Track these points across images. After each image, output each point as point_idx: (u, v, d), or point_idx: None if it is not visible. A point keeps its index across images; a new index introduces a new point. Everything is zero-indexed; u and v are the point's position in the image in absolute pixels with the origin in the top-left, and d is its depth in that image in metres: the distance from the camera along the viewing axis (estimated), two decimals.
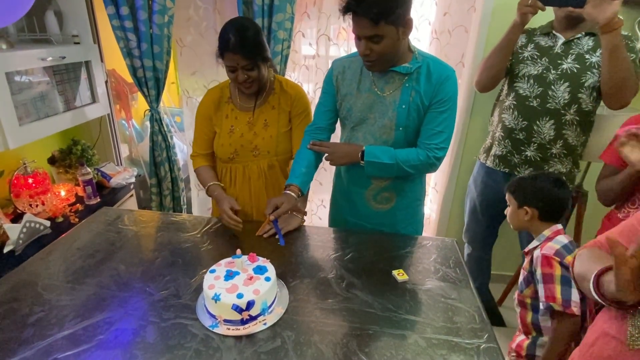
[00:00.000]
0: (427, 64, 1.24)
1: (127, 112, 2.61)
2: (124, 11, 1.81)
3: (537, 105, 1.55)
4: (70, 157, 1.97)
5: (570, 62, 1.50)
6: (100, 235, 1.36)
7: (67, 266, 1.18)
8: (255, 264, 1.05)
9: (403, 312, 1.01)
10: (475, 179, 1.87)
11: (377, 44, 1.14)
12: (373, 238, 1.37)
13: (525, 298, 1.24)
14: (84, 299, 1.04)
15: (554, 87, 1.52)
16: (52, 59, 1.61)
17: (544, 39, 1.57)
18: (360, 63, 1.30)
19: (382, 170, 1.30)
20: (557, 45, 1.53)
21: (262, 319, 0.97)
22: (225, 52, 1.28)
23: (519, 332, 1.32)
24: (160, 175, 2.24)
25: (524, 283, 1.24)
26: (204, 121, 1.49)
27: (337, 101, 1.38)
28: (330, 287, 1.10)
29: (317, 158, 1.41)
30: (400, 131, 1.29)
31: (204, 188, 1.49)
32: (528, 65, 1.57)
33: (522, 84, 1.58)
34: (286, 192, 1.33)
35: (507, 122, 1.64)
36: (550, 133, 1.56)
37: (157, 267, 1.18)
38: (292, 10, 1.81)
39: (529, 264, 1.22)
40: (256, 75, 1.33)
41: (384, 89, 1.28)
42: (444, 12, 1.90)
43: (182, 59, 2.08)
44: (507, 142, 1.66)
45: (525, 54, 1.59)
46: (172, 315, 0.99)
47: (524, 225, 1.28)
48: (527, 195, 1.25)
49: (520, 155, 1.64)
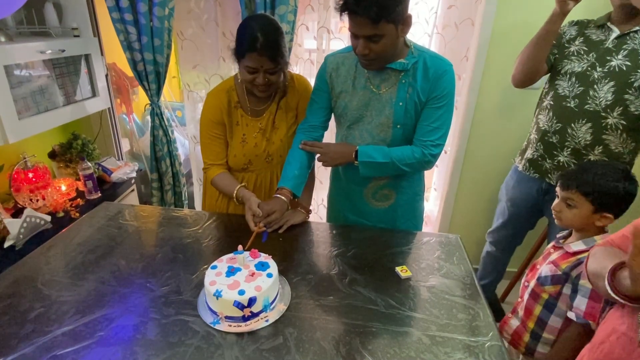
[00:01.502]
0: (423, 59, 1.20)
1: (127, 106, 2.59)
2: (124, 3, 1.79)
3: (574, 106, 1.40)
4: (70, 151, 1.96)
5: (620, 59, 1.33)
6: (101, 231, 1.34)
7: (67, 261, 1.17)
8: (257, 260, 1.04)
9: (406, 309, 1.00)
10: (508, 183, 1.75)
11: (376, 43, 1.10)
12: (375, 234, 1.36)
13: (543, 293, 1.17)
14: (84, 295, 1.03)
15: (597, 87, 1.36)
16: (52, 52, 1.59)
17: (596, 32, 1.41)
18: (354, 59, 1.26)
19: (377, 169, 1.28)
20: (609, 40, 1.37)
21: (264, 315, 0.96)
22: (249, 52, 1.18)
23: (512, 314, 1.29)
24: (162, 170, 2.23)
25: (551, 279, 1.14)
26: (215, 127, 1.38)
27: (331, 98, 1.34)
28: (333, 283, 1.09)
29: (309, 158, 1.38)
30: (398, 129, 1.26)
31: (231, 197, 1.37)
32: (573, 62, 1.42)
33: (562, 82, 1.44)
34: (277, 196, 1.29)
35: (541, 123, 1.51)
36: (586, 137, 1.40)
37: (158, 262, 1.17)
38: (295, 3, 1.78)
39: (569, 266, 1.11)
40: (276, 79, 1.26)
41: (380, 87, 1.24)
42: (449, 5, 1.86)
43: (183, 52, 2.05)
44: (539, 145, 1.53)
45: (572, 49, 1.43)
46: (173, 311, 0.98)
47: (589, 228, 1.12)
48: (609, 199, 1.07)
49: (553, 161, 1.50)
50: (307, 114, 1.40)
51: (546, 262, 1.20)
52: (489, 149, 2.08)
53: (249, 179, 1.46)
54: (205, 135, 1.41)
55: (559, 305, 1.14)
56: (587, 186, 1.10)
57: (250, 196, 1.32)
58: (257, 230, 1.20)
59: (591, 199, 1.09)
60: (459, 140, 2.10)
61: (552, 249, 1.23)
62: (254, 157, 1.42)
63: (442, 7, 1.88)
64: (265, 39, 1.16)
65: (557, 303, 1.14)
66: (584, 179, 1.11)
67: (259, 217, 1.24)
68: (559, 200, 1.19)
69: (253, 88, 1.29)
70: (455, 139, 2.12)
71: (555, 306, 1.15)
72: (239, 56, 1.23)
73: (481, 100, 2.00)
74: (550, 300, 1.16)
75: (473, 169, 2.15)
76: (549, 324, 1.17)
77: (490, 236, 1.92)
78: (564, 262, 1.13)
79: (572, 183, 1.13)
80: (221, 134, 1.40)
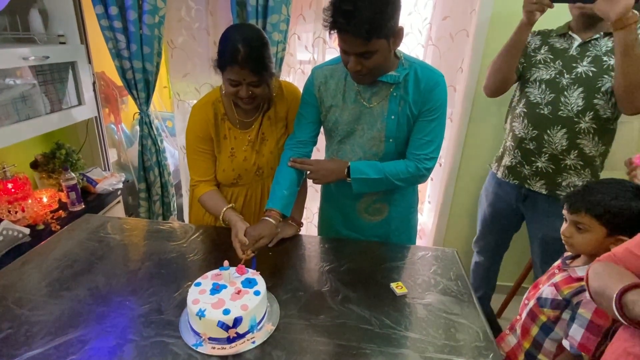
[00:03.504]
0: (414, 70, 1.17)
1: (116, 116, 2.53)
2: (113, 11, 1.75)
3: (548, 113, 1.44)
4: (53, 161, 1.89)
5: (585, 65, 1.38)
6: (81, 245, 1.28)
7: (41, 278, 1.10)
8: (244, 276, 0.98)
9: (402, 329, 0.95)
10: (487, 189, 1.78)
11: (368, 59, 1.06)
12: (369, 248, 1.31)
13: (542, 315, 1.10)
14: (57, 314, 0.96)
15: (567, 93, 1.40)
16: (35, 59, 1.54)
17: (560, 41, 1.46)
18: (343, 72, 1.23)
19: (370, 186, 1.24)
20: (572, 47, 1.42)
21: (251, 336, 0.90)
22: (230, 65, 1.13)
23: (510, 331, 1.23)
24: (150, 180, 2.17)
25: (551, 303, 1.07)
26: (202, 142, 1.32)
27: (320, 112, 1.30)
28: (325, 301, 1.04)
29: (299, 176, 1.32)
30: (391, 142, 1.23)
31: (218, 217, 1.30)
32: (540, 70, 1.47)
33: (533, 90, 1.48)
34: (266, 219, 1.21)
35: (517, 130, 1.54)
36: (562, 143, 1.44)
37: (139, 279, 1.11)
38: (288, 12, 1.76)
39: (570, 292, 1.03)
40: (261, 92, 1.21)
41: (371, 100, 1.21)
42: (443, 16, 1.85)
43: (174, 61, 2.01)
44: (517, 153, 1.55)
45: (539, 57, 1.48)
46: (152, 332, 0.91)
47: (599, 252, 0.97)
48: (622, 220, 0.98)
49: (531, 167, 1.53)
50: (295, 130, 1.34)
51: (548, 284, 1.12)
52: (484, 160, 2.05)
53: (239, 193, 1.41)
54: (191, 151, 1.34)
55: (556, 330, 1.07)
56: (598, 208, 1.00)
57: (237, 221, 1.22)
58: (245, 257, 1.12)
59: (604, 222, 1.00)
60: (454, 151, 2.07)
61: (557, 269, 1.15)
62: (244, 171, 1.36)
63: (436, 18, 1.87)
64: (248, 51, 1.11)
65: (555, 328, 1.07)
66: (593, 200, 1.01)
67: (247, 245, 1.15)
68: (567, 225, 1.08)
69: (237, 100, 1.24)
70: (450, 150, 2.09)
71: (552, 330, 1.08)
72: (220, 68, 1.18)
73: (476, 111, 1.98)
74: (547, 323, 1.09)
75: (468, 181, 2.12)
76: (544, 347, 1.10)
77: (477, 245, 1.92)
78: (566, 288, 1.05)
79: (581, 206, 1.03)
80: (208, 149, 1.34)
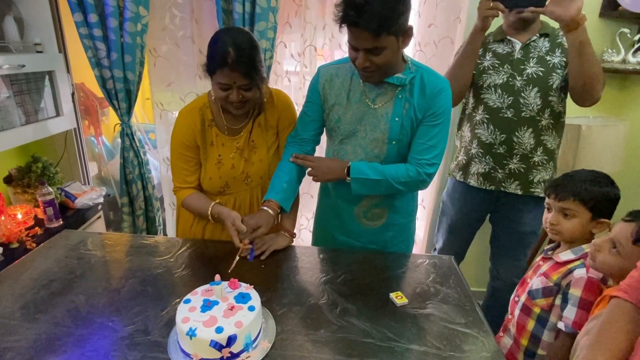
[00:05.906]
0: (420, 75, 1.18)
1: (96, 128, 2.45)
2: (93, 18, 1.69)
3: (512, 115, 1.48)
4: (29, 175, 1.79)
5: (533, 66, 1.45)
6: (59, 262, 1.19)
7: (15, 300, 1.02)
8: (237, 291, 0.93)
9: (405, 342, 0.91)
10: (452, 196, 1.77)
11: (377, 56, 1.06)
12: (366, 257, 1.27)
13: (535, 307, 1.13)
14: (32, 340, 0.88)
15: (524, 94, 1.46)
16: (9, 67, 1.46)
17: (500, 46, 1.51)
18: (349, 71, 1.23)
19: (369, 187, 1.22)
20: (516, 51, 1.48)
21: (246, 355, 0.84)
22: (221, 69, 1.11)
23: (503, 333, 1.23)
24: (132, 194, 2.08)
25: (542, 292, 1.12)
26: (187, 150, 1.28)
27: (323, 111, 1.29)
28: (323, 314, 0.99)
29: (300, 172, 1.31)
30: (393, 145, 1.21)
31: (206, 216, 1.26)
32: (491, 75, 1.50)
33: (490, 95, 1.51)
34: (264, 209, 1.21)
35: (483, 137, 1.55)
36: (530, 142, 1.50)
37: (123, 297, 1.04)
38: (275, 19, 1.73)
39: (559, 276, 1.09)
40: (252, 96, 1.18)
41: (376, 101, 1.20)
42: (428, 23, 1.87)
43: (156, 70, 1.95)
44: (488, 159, 1.57)
45: (486, 64, 1.52)
46: (139, 355, 0.84)
47: (584, 237, 1.11)
48: (604, 205, 1.08)
49: (504, 170, 1.56)
50: (298, 127, 1.33)
51: (537, 275, 1.17)
52: None
53: (226, 202, 1.35)
54: (175, 157, 1.31)
55: (551, 319, 1.10)
56: (584, 194, 1.09)
57: (229, 211, 1.21)
58: (243, 246, 1.07)
59: (589, 207, 1.09)
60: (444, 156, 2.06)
61: (542, 261, 1.21)
62: (231, 179, 1.32)
63: (421, 25, 1.88)
64: (238, 53, 1.09)
65: (549, 317, 1.10)
66: (580, 187, 1.10)
67: (244, 234, 1.12)
68: (554, 213, 1.14)
69: (227, 105, 1.20)
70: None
71: (548, 320, 1.11)
72: (210, 72, 1.15)
73: None
74: (542, 314, 1.12)
75: None
76: (543, 340, 1.12)
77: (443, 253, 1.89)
78: (555, 273, 1.12)
79: (568, 193, 1.11)
80: (192, 156, 1.30)
